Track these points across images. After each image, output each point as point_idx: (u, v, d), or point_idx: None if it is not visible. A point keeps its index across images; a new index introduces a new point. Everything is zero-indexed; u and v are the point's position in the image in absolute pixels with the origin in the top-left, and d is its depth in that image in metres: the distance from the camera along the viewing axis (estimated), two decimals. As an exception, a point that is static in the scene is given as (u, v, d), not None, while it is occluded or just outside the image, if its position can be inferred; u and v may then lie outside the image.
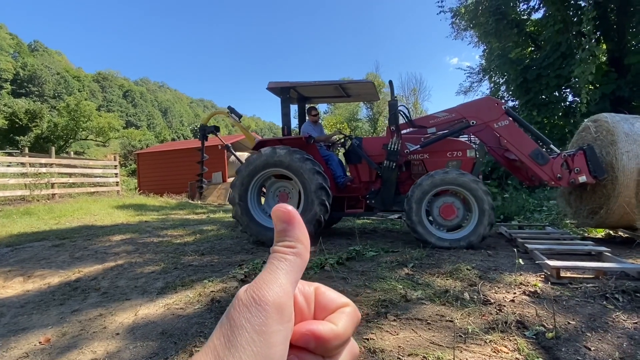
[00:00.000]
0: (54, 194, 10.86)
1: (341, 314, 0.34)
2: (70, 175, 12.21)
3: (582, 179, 4.25)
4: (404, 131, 5.06)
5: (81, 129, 37.97)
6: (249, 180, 4.92)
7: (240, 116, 6.03)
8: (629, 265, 3.13)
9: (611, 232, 5.16)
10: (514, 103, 13.24)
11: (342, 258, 3.72)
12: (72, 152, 16.43)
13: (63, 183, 11.67)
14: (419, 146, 4.90)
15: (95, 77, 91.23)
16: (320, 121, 6.21)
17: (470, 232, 4.29)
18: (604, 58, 10.40)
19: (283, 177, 5.12)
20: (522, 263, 3.23)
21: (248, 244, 5.01)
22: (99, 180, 13.31)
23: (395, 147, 4.81)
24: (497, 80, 13.60)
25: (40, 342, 2.35)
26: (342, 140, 5.91)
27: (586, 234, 5.33)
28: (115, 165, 14.31)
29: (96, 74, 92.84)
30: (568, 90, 11.21)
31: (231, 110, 5.98)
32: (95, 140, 44.13)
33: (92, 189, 12.56)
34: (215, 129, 6.10)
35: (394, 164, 4.84)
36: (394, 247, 4.39)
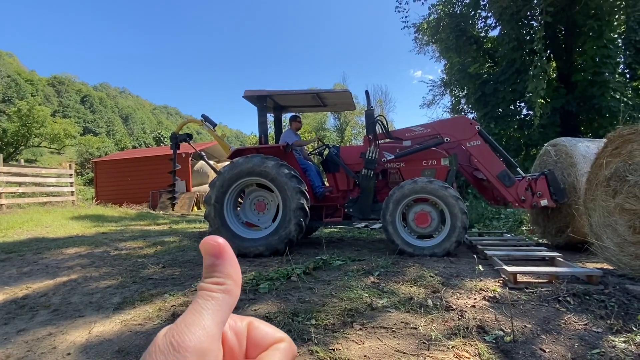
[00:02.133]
0: (0, 205, 10.11)
1: (275, 351, 0.32)
2: (19, 184, 11.42)
3: (544, 202, 4.48)
4: (380, 141, 5.14)
5: (33, 135, 35.77)
6: (230, 183, 4.81)
7: (214, 124, 5.90)
8: (579, 270, 3.32)
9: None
10: (472, 115, 13.88)
11: (309, 268, 3.70)
12: (22, 160, 15.38)
13: (11, 193, 10.89)
14: (395, 155, 4.99)
15: (51, 81, 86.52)
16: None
17: (437, 244, 4.40)
18: (554, 75, 11.16)
19: (264, 187, 5.06)
20: (482, 269, 3.35)
21: (212, 255, 4.87)
22: (52, 190, 12.54)
23: (373, 155, 4.87)
24: (458, 94, 14.23)
25: (-21, 367, 2.16)
26: (321, 148, 5.92)
27: (540, 240, 5.62)
28: (71, 174, 13.55)
29: (51, 78, 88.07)
30: (522, 104, 11.90)
31: (205, 118, 5.84)
32: (50, 148, 41.69)
33: (45, 199, 11.80)
34: (188, 137, 5.94)
35: (372, 172, 4.90)
36: (360, 256, 4.42)
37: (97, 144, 49.49)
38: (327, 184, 5.51)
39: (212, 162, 6.79)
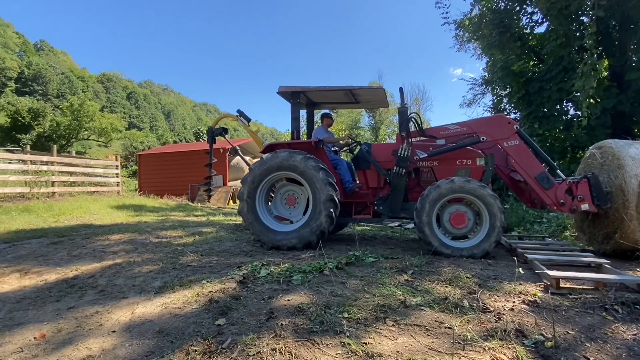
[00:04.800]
0: (53, 192, 10.85)
1: None
2: (70, 174, 12.21)
3: (585, 207, 4.27)
4: (414, 139, 5.06)
5: (84, 129, 38.11)
6: (260, 179, 4.93)
7: (249, 120, 6.03)
8: (629, 278, 3.12)
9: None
10: (515, 115, 13.29)
11: (342, 263, 3.71)
12: (73, 152, 16.46)
13: (63, 182, 11.67)
14: (428, 154, 4.89)
15: (100, 78, 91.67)
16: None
17: (475, 245, 4.28)
18: (606, 73, 10.47)
19: (294, 181, 5.12)
20: (522, 272, 3.22)
21: (247, 246, 5.00)
22: (100, 180, 13.31)
23: (406, 153, 4.79)
24: (500, 93, 13.66)
25: (35, 338, 2.33)
26: (352, 145, 5.91)
27: (586, 247, 5.31)
28: (117, 166, 14.33)
29: (100, 75, 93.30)
30: (569, 104, 11.26)
31: (240, 113, 5.99)
32: (97, 141, 44.26)
33: (93, 189, 12.55)
34: (224, 131, 6.11)
35: (404, 171, 4.82)
36: (393, 254, 4.38)
37: (141, 138, 51.96)
38: (358, 181, 5.48)
39: (247, 158, 6.96)
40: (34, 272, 3.82)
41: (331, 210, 4.65)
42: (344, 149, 6.10)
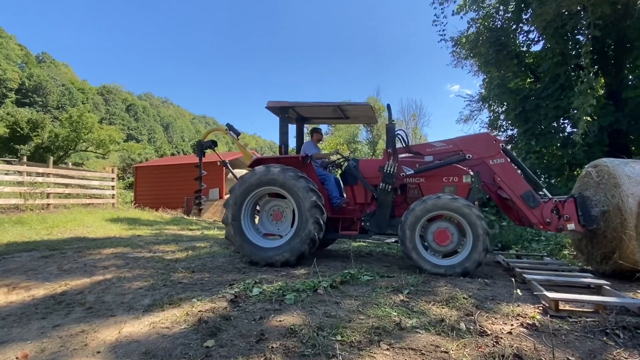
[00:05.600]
0: (48, 204, 10.76)
1: None
2: (66, 185, 12.13)
3: (571, 226, 4.27)
4: (401, 155, 5.06)
5: (82, 141, 38.08)
6: (242, 199, 4.88)
7: (238, 134, 6.03)
8: (630, 300, 3.05)
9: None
10: (512, 132, 13.35)
11: (336, 281, 3.63)
12: (70, 163, 16.36)
13: (59, 193, 11.58)
14: (414, 170, 4.89)
15: (100, 90, 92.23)
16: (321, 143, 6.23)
17: (465, 258, 4.22)
18: (602, 91, 10.56)
19: (277, 196, 5.08)
20: (520, 294, 3.16)
21: (240, 262, 4.91)
22: (95, 192, 13.22)
23: (392, 170, 4.80)
24: (497, 109, 13.75)
25: (17, 358, 2.24)
26: (340, 160, 5.89)
27: (585, 266, 5.25)
28: (113, 178, 14.25)
29: (101, 87, 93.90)
30: (566, 121, 11.32)
31: (229, 127, 5.99)
32: (95, 152, 44.19)
33: (88, 201, 12.46)
34: (213, 144, 6.08)
35: (390, 187, 4.82)
36: (389, 272, 4.30)
37: (139, 150, 51.91)
38: (345, 197, 5.45)
39: (245, 171, 6.92)
40: (22, 287, 3.73)
41: (317, 216, 4.60)
42: (333, 165, 6.08)
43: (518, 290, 3.09)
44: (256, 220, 5.23)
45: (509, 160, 4.66)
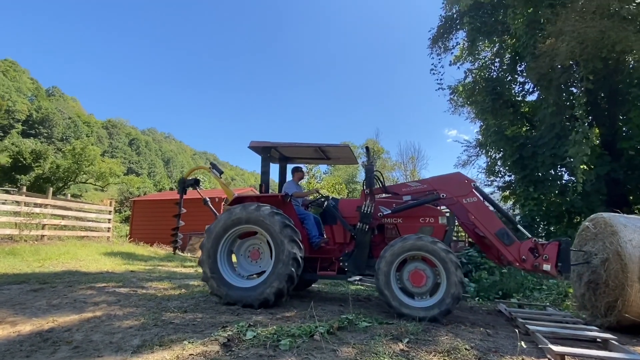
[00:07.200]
0: (42, 235, 10.61)
1: None
2: (63, 217, 12.02)
3: (546, 267, 4.23)
4: (380, 196, 5.12)
5: (82, 172, 38.27)
6: (218, 240, 4.79)
7: (221, 172, 6.07)
8: (638, 357, 2.94)
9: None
10: (510, 178, 13.47)
11: (333, 327, 3.51)
12: (69, 195, 16.27)
13: (54, 225, 11.45)
14: (391, 210, 4.92)
15: (105, 124, 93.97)
16: (303, 181, 6.28)
17: (435, 304, 4.14)
18: (597, 141, 10.77)
19: (253, 234, 5.03)
20: (524, 346, 3.05)
21: (235, 303, 4.76)
22: (91, 225, 13.08)
23: (369, 210, 4.82)
24: (494, 156, 13.96)
25: (-6, 401, 2.12)
26: (320, 200, 5.89)
27: (589, 318, 5.10)
28: (110, 211, 14.16)
29: (106, 122, 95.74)
30: (563, 169, 11.46)
31: (213, 166, 6.04)
32: (95, 185, 44.26)
33: (83, 233, 12.30)
34: (195, 182, 6.10)
35: (367, 227, 4.82)
36: (388, 319, 4.16)
37: (138, 183, 52.09)
38: (325, 236, 5.41)
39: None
40: (8, 322, 3.60)
41: (295, 251, 4.52)
42: (313, 203, 6.08)
43: (522, 343, 2.99)
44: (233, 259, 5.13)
45: (481, 199, 4.72)
